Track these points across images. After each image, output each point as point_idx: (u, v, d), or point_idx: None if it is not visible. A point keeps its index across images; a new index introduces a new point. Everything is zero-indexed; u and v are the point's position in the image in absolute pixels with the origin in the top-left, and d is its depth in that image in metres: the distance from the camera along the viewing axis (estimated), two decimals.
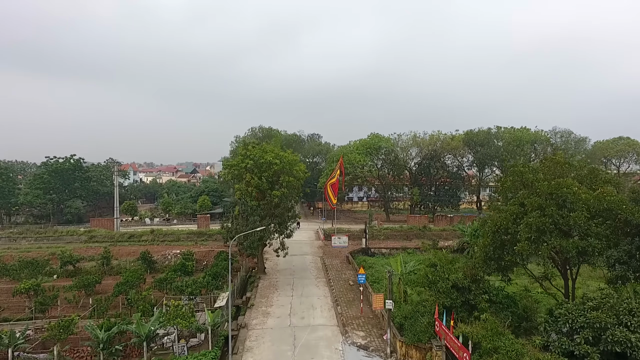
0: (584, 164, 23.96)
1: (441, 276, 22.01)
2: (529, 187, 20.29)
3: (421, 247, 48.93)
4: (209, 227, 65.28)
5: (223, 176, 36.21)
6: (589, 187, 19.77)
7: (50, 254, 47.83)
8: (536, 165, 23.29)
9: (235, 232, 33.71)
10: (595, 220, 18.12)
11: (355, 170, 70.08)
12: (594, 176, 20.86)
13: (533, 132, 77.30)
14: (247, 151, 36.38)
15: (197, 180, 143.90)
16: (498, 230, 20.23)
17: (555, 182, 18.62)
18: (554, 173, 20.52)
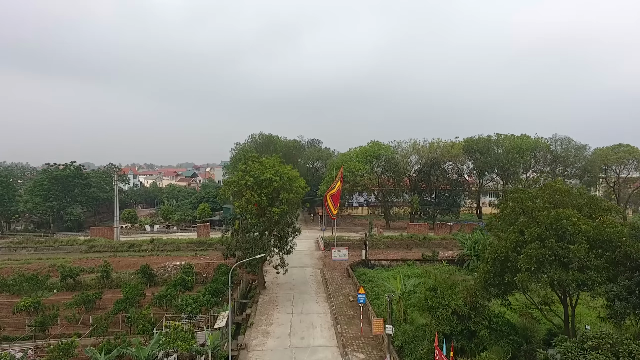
0: (583, 191, 23.92)
1: (441, 302, 21.99)
2: (529, 214, 20.31)
3: (421, 259, 48.94)
4: (209, 235, 65.30)
5: (223, 193, 36.15)
6: (588, 216, 19.79)
7: (51, 266, 47.90)
8: (536, 191, 23.26)
9: (235, 248, 33.67)
10: (594, 251, 18.12)
11: (355, 178, 70.08)
12: (593, 204, 20.87)
13: (533, 139, 77.33)
14: (246, 166, 36.39)
15: (197, 185, 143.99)
16: (498, 258, 20.23)
17: (555, 213, 18.64)
18: (553, 201, 20.54)
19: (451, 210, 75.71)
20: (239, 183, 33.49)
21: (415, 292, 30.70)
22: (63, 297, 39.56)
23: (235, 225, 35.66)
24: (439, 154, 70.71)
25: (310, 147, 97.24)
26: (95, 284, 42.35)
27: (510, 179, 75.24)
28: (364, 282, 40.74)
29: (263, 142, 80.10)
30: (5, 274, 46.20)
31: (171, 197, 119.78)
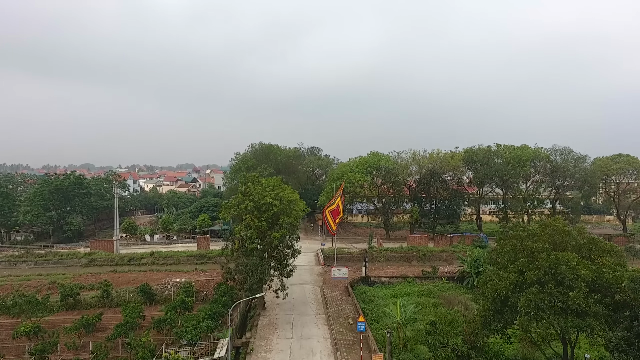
0: (582, 230, 23.94)
1: (440, 340, 21.99)
2: (529, 255, 20.32)
3: (421, 275, 48.92)
4: (209, 247, 65.26)
5: (223, 217, 36.12)
6: (587, 257, 19.79)
7: (51, 283, 47.96)
8: (536, 228, 23.23)
9: (235, 272, 33.74)
10: (594, 295, 18.14)
11: (355, 189, 70.07)
12: (593, 245, 20.89)
13: (533, 149, 77.39)
14: (246, 187, 36.36)
15: (197, 190, 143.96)
16: (498, 296, 20.24)
17: (554, 257, 18.65)
18: (553, 241, 20.55)
19: (451, 221, 75.68)
20: (238, 207, 33.47)
21: (415, 319, 30.62)
22: (63, 316, 39.65)
23: (235, 245, 35.57)
24: (438, 165, 70.64)
25: (310, 155, 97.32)
26: (95, 303, 42.38)
27: (510, 189, 75.30)
28: (364, 301, 40.80)
29: (263, 152, 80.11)
30: (5, 291, 46.36)
31: (171, 204, 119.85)
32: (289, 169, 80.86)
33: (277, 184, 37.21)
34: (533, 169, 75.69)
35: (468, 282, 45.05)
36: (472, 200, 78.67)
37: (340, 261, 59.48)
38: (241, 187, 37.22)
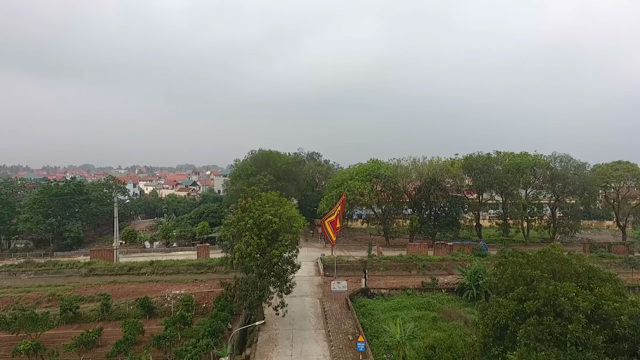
0: (582, 258, 23.96)
1: None
2: (528, 282, 20.35)
3: (421, 287, 48.93)
4: (208, 256, 65.18)
5: (223, 232, 36.07)
6: (586, 285, 19.80)
7: (50, 295, 47.96)
8: (535, 255, 23.24)
9: (234, 289, 33.80)
10: (593, 326, 18.14)
11: (355, 197, 70.09)
12: (592, 274, 20.92)
13: (532, 156, 77.47)
14: (247, 203, 36.36)
15: (196, 194, 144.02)
16: (497, 324, 20.27)
17: (553, 287, 18.67)
18: (552, 269, 20.56)
19: (451, 228, 75.74)
20: (238, 225, 33.49)
21: (414, 337, 30.65)
22: (63, 330, 39.68)
23: (235, 259, 35.41)
24: (438, 172, 70.57)
25: (310, 161, 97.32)
26: (94, 316, 42.41)
27: (509, 196, 75.34)
28: (364, 315, 40.79)
29: (262, 158, 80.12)
30: (5, 303, 46.41)
31: (171, 209, 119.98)
32: (288, 175, 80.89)
33: (277, 199, 37.23)
34: (533, 175, 75.75)
35: (468, 295, 45.06)
36: (471, 207, 78.67)
37: (340, 270, 59.52)
38: (240, 202, 37.24)
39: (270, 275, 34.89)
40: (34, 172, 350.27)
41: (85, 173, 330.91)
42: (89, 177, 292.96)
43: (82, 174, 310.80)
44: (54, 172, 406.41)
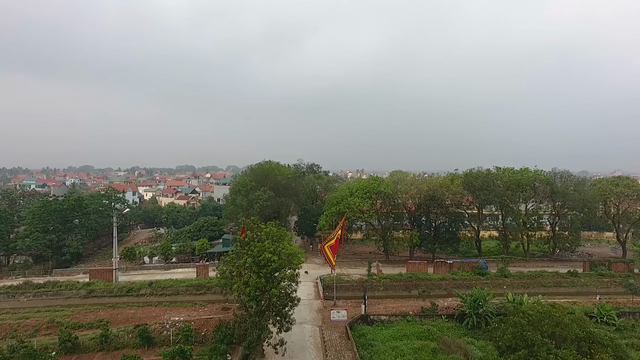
0: (582, 321, 23.81)
1: None
2: (529, 346, 20.23)
3: (421, 314, 48.75)
4: (207, 275, 65.06)
5: (221, 272, 35.81)
6: (587, 351, 19.69)
7: (49, 322, 47.85)
8: (535, 314, 23.10)
9: (233, 329, 33.65)
10: None
11: (355, 214, 69.99)
12: (592, 338, 20.79)
13: (533, 172, 77.44)
14: (246, 237, 36.25)
15: (196, 202, 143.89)
16: None
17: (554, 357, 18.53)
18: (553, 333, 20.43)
19: (450, 245, 75.69)
20: (237, 263, 33.33)
21: None
22: None
23: (235, 291, 35.13)
24: (437, 190, 70.35)
25: (310, 173, 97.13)
26: (93, 346, 42.24)
27: (509, 211, 75.26)
28: (363, 347, 40.62)
29: (262, 173, 79.87)
30: (3, 331, 46.32)
31: (170, 218, 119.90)
32: (288, 191, 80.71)
33: (276, 232, 37.10)
34: (533, 191, 75.70)
35: (468, 322, 44.92)
36: (472, 221, 78.49)
37: (339, 290, 59.41)
38: (239, 236, 37.14)
39: (270, 314, 34.73)
40: (33, 175, 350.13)
41: (85, 176, 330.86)
42: (88, 181, 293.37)
43: (82, 177, 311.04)
44: (54, 174, 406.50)
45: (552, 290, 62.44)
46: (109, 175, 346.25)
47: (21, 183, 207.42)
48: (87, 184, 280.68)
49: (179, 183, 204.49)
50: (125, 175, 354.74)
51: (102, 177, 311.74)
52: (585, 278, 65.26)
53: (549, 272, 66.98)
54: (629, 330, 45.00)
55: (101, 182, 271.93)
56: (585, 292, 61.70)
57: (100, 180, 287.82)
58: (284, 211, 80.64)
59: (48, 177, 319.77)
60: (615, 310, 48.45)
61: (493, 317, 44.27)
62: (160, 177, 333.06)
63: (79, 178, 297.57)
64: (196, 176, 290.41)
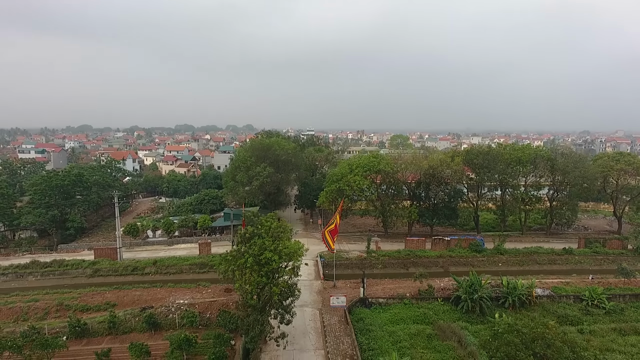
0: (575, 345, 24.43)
1: None
2: None
3: (418, 296, 50.21)
4: (210, 252, 66.51)
5: (223, 271, 36.43)
6: None
7: (58, 304, 49.45)
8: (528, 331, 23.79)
9: (235, 326, 34.95)
10: None
11: (355, 192, 70.36)
12: None
13: (534, 147, 77.01)
14: (247, 232, 36.75)
15: (196, 170, 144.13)
16: None
17: None
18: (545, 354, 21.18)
19: (449, 221, 76.67)
20: (238, 262, 33.99)
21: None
22: (74, 347, 41.04)
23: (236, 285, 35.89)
24: (437, 168, 70.16)
25: (309, 146, 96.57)
26: (102, 330, 43.83)
27: (509, 187, 75.59)
28: (361, 332, 42.13)
29: (262, 149, 79.48)
30: (14, 314, 47.95)
31: (171, 187, 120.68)
32: (288, 166, 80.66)
33: (276, 226, 37.50)
34: (533, 166, 75.66)
35: (463, 307, 46.38)
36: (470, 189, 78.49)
37: (339, 268, 60.97)
38: (240, 231, 37.65)
39: (271, 308, 35.82)
40: (32, 137, 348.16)
41: (84, 138, 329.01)
42: (87, 144, 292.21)
43: (81, 140, 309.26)
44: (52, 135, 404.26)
45: (546, 268, 64.09)
46: (107, 137, 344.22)
47: (20, 147, 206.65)
48: (86, 146, 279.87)
49: (179, 148, 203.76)
50: (124, 137, 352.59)
51: (101, 140, 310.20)
52: (579, 256, 66.73)
53: (544, 249, 68.40)
54: (617, 313, 46.60)
55: (100, 145, 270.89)
56: (579, 270, 63.24)
57: (100, 143, 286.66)
58: (284, 186, 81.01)
59: (47, 140, 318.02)
60: (606, 292, 49.83)
61: (488, 301, 45.80)
62: (160, 139, 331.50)
63: (77, 141, 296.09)
64: (195, 138, 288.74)
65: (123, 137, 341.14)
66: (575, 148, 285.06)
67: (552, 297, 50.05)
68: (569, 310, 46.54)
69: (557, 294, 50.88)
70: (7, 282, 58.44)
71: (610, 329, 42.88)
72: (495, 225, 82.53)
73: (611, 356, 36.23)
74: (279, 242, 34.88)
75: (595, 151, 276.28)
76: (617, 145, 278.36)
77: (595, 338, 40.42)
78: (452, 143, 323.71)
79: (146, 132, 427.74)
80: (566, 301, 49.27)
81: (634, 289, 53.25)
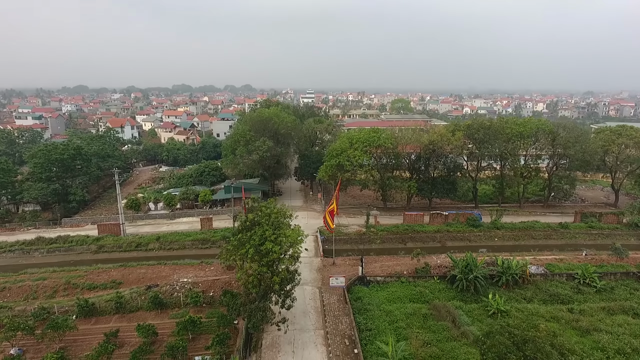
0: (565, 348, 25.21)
1: None
2: None
3: (415, 274, 51.61)
4: (212, 226, 67.66)
5: (223, 259, 37.22)
6: None
7: (66, 283, 50.93)
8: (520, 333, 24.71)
9: (237, 314, 36.35)
10: None
11: (355, 168, 70.50)
12: None
13: (536, 120, 76.36)
14: (247, 221, 37.32)
15: (195, 137, 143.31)
16: None
17: None
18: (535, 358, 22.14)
19: (448, 196, 77.30)
20: (239, 252, 34.73)
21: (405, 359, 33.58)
22: (83, 326, 42.72)
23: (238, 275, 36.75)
24: (438, 143, 69.82)
25: (309, 116, 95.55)
26: (109, 309, 45.46)
27: (508, 161, 75.66)
28: (359, 312, 43.71)
29: (261, 123, 78.77)
30: (24, 293, 49.53)
31: (171, 156, 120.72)
32: (288, 139, 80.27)
33: (276, 212, 38.01)
34: (535, 139, 75.40)
35: (458, 286, 47.82)
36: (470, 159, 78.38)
37: (338, 243, 62.30)
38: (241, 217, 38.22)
39: (273, 294, 36.99)
40: (27, 99, 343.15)
41: (80, 100, 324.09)
42: (84, 107, 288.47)
43: (77, 102, 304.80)
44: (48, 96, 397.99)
45: (541, 243, 65.39)
46: (104, 100, 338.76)
47: (17, 112, 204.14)
48: (83, 109, 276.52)
49: (177, 113, 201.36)
50: (121, 99, 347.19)
51: (98, 103, 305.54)
52: (574, 230, 67.89)
53: (540, 224, 69.45)
54: (608, 292, 48.09)
55: (98, 108, 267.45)
56: (574, 245, 64.62)
57: (97, 106, 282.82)
58: (284, 159, 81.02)
59: (43, 102, 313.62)
60: (598, 271, 51.18)
61: (482, 281, 47.17)
62: (157, 101, 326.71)
63: (74, 103, 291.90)
64: (193, 101, 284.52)
65: (120, 100, 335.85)
66: (578, 111, 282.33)
67: (545, 275, 51.51)
68: (560, 289, 47.98)
69: (551, 271, 52.34)
70: (15, 259, 59.90)
71: (600, 308, 44.42)
72: (494, 197, 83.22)
73: (598, 336, 38.12)
74: (279, 232, 35.50)
75: (598, 115, 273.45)
76: (620, 108, 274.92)
77: (584, 317, 42.07)
78: (453, 106, 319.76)
79: (143, 94, 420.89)
80: (559, 279, 50.65)
81: (625, 266, 54.76)
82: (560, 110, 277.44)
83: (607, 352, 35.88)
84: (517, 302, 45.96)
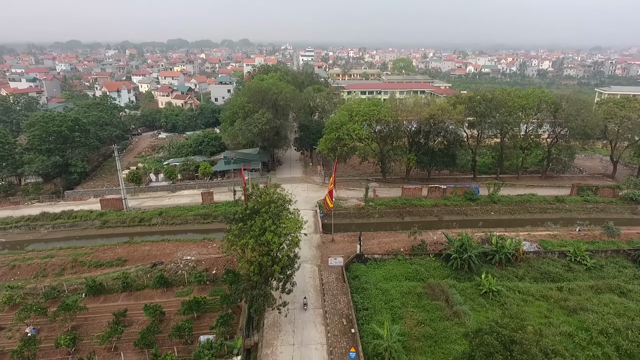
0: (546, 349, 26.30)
1: None
2: None
3: (411, 252, 53.10)
4: (212, 201, 68.61)
5: (225, 248, 38.12)
6: None
7: (73, 260, 52.53)
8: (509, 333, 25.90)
9: (239, 299, 37.86)
10: None
11: (354, 142, 70.41)
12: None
13: (540, 91, 75.31)
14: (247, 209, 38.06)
15: (193, 101, 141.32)
16: None
17: None
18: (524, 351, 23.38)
19: (447, 167, 77.59)
20: (240, 242, 35.65)
21: (399, 341, 35.42)
22: (92, 305, 44.64)
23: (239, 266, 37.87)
24: (438, 116, 69.14)
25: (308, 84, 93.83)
26: (117, 287, 47.23)
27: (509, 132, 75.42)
28: (357, 290, 45.40)
29: (259, 94, 77.58)
30: (33, 271, 51.22)
31: (169, 122, 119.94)
32: (287, 110, 79.47)
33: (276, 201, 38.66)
34: (537, 110, 74.75)
35: (453, 264, 49.39)
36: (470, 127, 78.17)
37: (337, 217, 63.49)
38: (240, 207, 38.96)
39: (273, 280, 38.39)
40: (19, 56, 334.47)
41: (74, 59, 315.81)
42: (78, 65, 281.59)
43: (71, 61, 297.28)
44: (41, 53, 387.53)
45: (537, 217, 66.61)
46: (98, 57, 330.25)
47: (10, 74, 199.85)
48: (77, 68, 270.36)
49: (174, 74, 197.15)
50: (116, 56, 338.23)
51: (92, 61, 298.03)
52: (570, 204, 68.85)
53: (537, 197, 70.27)
54: (597, 270, 49.74)
55: (92, 68, 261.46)
56: (568, 219, 65.88)
57: (92, 65, 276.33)
58: (284, 131, 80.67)
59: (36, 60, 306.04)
60: (589, 249, 52.56)
61: (476, 260, 48.64)
62: (152, 58, 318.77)
63: (68, 62, 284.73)
64: (190, 60, 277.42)
65: (114, 57, 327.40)
66: (584, 70, 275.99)
67: (538, 252, 52.99)
68: (552, 267, 49.59)
69: (544, 248, 53.80)
70: (21, 235, 61.33)
71: (588, 287, 46.18)
72: (493, 167, 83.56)
73: (584, 316, 40.12)
74: (279, 221, 36.30)
75: (604, 74, 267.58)
76: (627, 67, 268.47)
77: (572, 296, 43.96)
78: (457, 64, 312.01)
79: (137, 50, 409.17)
80: (551, 257, 52.17)
81: (616, 242, 56.20)
82: (566, 69, 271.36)
83: (591, 332, 38.10)
84: (509, 280, 47.81)
